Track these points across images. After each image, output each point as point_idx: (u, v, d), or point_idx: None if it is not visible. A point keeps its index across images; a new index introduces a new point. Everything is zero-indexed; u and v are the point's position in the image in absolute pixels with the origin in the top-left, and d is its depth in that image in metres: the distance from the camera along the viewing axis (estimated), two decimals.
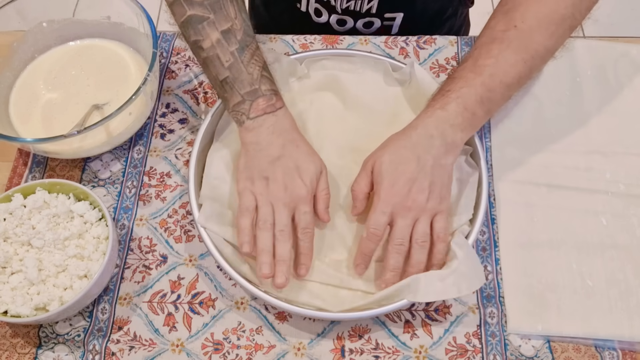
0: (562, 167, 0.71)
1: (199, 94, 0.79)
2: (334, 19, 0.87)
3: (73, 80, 0.76)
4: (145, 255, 0.68)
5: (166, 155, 0.75)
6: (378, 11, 0.84)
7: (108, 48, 0.79)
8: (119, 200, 0.72)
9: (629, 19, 1.84)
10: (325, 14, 0.87)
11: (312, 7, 0.87)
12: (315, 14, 0.88)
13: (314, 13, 0.88)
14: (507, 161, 0.72)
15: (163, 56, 0.83)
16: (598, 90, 0.77)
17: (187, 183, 0.66)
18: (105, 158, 0.75)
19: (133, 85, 0.72)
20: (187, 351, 0.63)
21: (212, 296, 0.65)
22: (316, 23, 0.89)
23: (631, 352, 0.61)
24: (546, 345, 0.62)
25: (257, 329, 0.64)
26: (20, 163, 0.75)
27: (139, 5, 0.72)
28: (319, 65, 0.74)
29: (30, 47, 0.77)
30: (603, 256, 0.66)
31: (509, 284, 0.65)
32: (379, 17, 0.86)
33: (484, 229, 0.68)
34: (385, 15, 0.85)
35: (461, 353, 0.62)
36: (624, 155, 0.72)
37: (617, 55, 0.80)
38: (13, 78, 0.76)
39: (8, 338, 0.64)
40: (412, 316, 0.64)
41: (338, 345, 0.63)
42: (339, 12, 0.86)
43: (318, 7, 0.86)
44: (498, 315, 0.64)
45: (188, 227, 0.70)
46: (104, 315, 0.65)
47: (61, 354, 0.63)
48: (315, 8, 0.87)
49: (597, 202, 0.69)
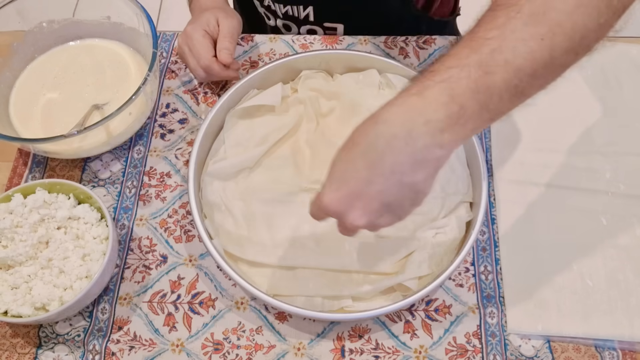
0: (562, 167, 0.71)
1: (199, 94, 0.79)
2: (280, 23, 0.89)
3: (73, 80, 0.76)
4: (145, 255, 0.68)
5: (166, 155, 0.75)
6: (317, 20, 0.85)
7: (108, 48, 0.79)
8: (119, 200, 0.72)
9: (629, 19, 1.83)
10: (272, 18, 0.89)
11: (262, 10, 0.90)
12: (266, 16, 0.91)
13: (265, 16, 0.91)
14: (507, 161, 0.72)
15: (163, 56, 0.83)
16: (598, 90, 0.77)
17: (187, 183, 0.66)
18: (105, 158, 0.75)
19: (133, 85, 0.72)
20: (187, 351, 0.63)
21: (212, 296, 0.65)
22: (269, 25, 0.92)
23: (631, 352, 0.61)
24: (546, 345, 0.62)
25: (257, 329, 0.64)
26: (20, 163, 0.75)
27: (139, 5, 0.72)
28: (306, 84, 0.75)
29: (30, 47, 0.77)
30: (603, 256, 0.66)
31: (509, 284, 0.65)
32: (319, 25, 0.87)
33: (484, 229, 0.68)
34: (325, 24, 0.86)
35: (461, 353, 0.62)
36: (624, 155, 0.72)
37: (617, 55, 0.80)
38: (13, 78, 0.76)
39: (8, 338, 0.64)
40: (412, 316, 0.64)
41: (338, 345, 0.63)
42: (281, 17, 0.87)
43: (265, 11, 0.89)
44: (498, 315, 0.64)
45: (188, 227, 0.70)
46: (104, 315, 0.65)
47: (61, 354, 0.63)
48: (264, 11, 0.89)
49: (597, 202, 0.69)
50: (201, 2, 0.80)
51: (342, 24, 0.86)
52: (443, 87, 0.42)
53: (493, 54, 0.42)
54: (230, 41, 0.73)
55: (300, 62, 0.74)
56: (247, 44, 0.83)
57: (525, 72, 0.43)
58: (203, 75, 0.75)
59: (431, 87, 0.43)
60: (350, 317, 0.61)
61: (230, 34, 0.74)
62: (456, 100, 0.42)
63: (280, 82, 0.74)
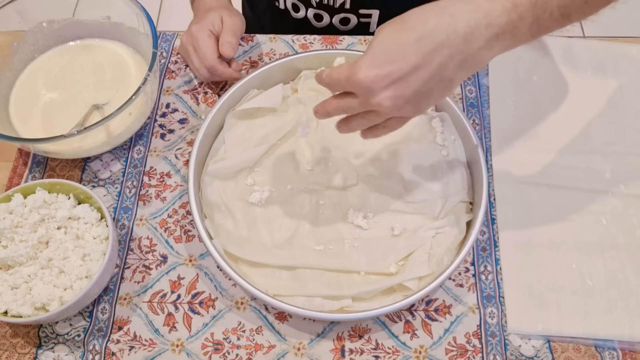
0: (562, 167, 0.71)
1: (199, 94, 0.79)
2: (310, 14, 0.88)
3: (73, 80, 0.76)
4: (145, 255, 0.68)
5: (166, 155, 0.75)
6: (352, 7, 0.84)
7: (108, 48, 0.79)
8: (119, 200, 0.72)
9: (629, 19, 1.83)
10: (303, 8, 0.88)
11: (290, 2, 0.88)
12: (293, 9, 0.89)
13: (292, 8, 0.89)
14: (507, 161, 0.72)
15: (163, 56, 0.83)
16: (598, 90, 0.77)
17: (187, 183, 0.66)
18: (105, 158, 0.75)
19: (133, 85, 0.72)
20: (187, 351, 0.63)
21: (212, 296, 0.65)
22: (294, 19, 0.91)
23: (631, 352, 0.61)
24: (546, 345, 0.62)
25: (257, 329, 0.64)
26: (20, 163, 0.75)
27: (139, 5, 0.72)
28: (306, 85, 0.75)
29: (30, 47, 0.77)
30: (603, 256, 0.66)
31: (509, 284, 0.65)
32: (354, 13, 0.86)
33: (484, 229, 0.68)
34: (360, 11, 0.85)
35: (461, 353, 0.62)
36: (624, 155, 0.72)
37: (617, 55, 0.80)
38: (13, 78, 0.76)
39: (8, 338, 0.64)
40: (412, 316, 0.64)
41: (338, 345, 0.63)
42: (314, 6, 0.86)
43: (295, 2, 0.88)
44: (498, 315, 0.64)
45: (188, 227, 0.70)
46: (104, 315, 0.65)
47: (61, 354, 0.63)
48: (293, 3, 0.88)
49: (597, 202, 0.69)
50: (205, 1, 0.80)
51: (378, 9, 0.85)
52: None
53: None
54: (232, 36, 0.74)
55: (300, 62, 0.74)
56: (247, 44, 0.83)
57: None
58: (206, 75, 0.75)
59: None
60: (350, 317, 0.61)
61: (233, 30, 0.74)
62: (517, 9, 0.45)
63: (281, 82, 0.74)
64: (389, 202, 0.66)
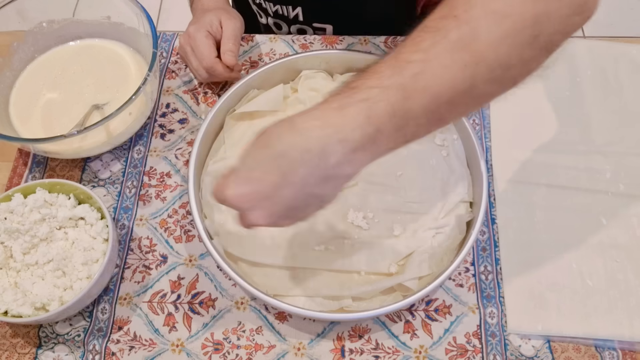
0: (562, 167, 0.71)
1: (199, 94, 0.79)
2: (271, 21, 0.90)
3: (73, 80, 0.76)
4: (145, 255, 0.68)
5: (166, 155, 0.75)
6: (305, 19, 0.86)
7: (108, 48, 0.79)
8: (119, 200, 0.72)
9: (628, 19, 1.83)
10: (264, 16, 0.89)
11: (254, 7, 0.90)
12: (258, 14, 0.91)
13: (258, 14, 0.91)
14: (507, 161, 0.72)
15: (163, 56, 0.83)
16: (598, 90, 0.77)
17: (187, 183, 0.66)
18: (105, 158, 0.75)
19: (133, 85, 0.72)
20: (187, 351, 0.63)
21: (212, 296, 0.65)
22: (261, 23, 0.92)
23: (631, 352, 0.61)
24: (546, 345, 0.62)
25: (257, 329, 0.64)
26: (20, 163, 0.75)
27: (139, 5, 0.72)
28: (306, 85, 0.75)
29: (30, 47, 0.77)
30: (603, 256, 0.66)
31: (509, 284, 0.65)
32: (308, 25, 0.87)
33: (484, 229, 0.68)
34: (314, 24, 0.86)
35: (461, 353, 0.62)
36: (624, 155, 0.72)
37: (617, 55, 0.80)
38: (13, 78, 0.76)
39: (8, 338, 0.64)
40: (412, 316, 0.64)
41: (338, 345, 0.63)
42: (272, 15, 0.88)
43: (257, 9, 0.90)
44: (498, 315, 0.64)
45: (188, 227, 0.70)
46: (104, 315, 0.65)
47: (61, 354, 0.63)
48: (257, 9, 0.90)
49: (597, 202, 0.69)
50: (203, 2, 0.80)
51: (331, 24, 0.86)
52: (362, 107, 0.42)
53: (414, 78, 0.42)
54: (234, 43, 0.73)
55: (300, 62, 0.74)
56: (247, 44, 0.83)
57: (443, 99, 0.43)
58: (205, 76, 0.75)
59: (350, 105, 0.42)
60: (350, 317, 0.61)
61: (234, 36, 0.74)
62: (373, 122, 0.42)
63: (281, 82, 0.74)
64: (389, 202, 0.66)
